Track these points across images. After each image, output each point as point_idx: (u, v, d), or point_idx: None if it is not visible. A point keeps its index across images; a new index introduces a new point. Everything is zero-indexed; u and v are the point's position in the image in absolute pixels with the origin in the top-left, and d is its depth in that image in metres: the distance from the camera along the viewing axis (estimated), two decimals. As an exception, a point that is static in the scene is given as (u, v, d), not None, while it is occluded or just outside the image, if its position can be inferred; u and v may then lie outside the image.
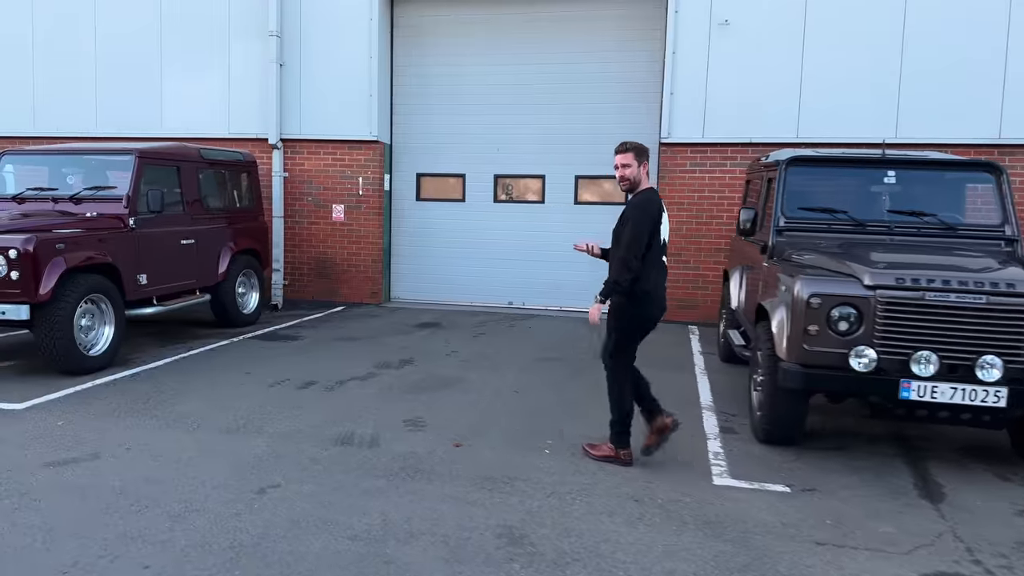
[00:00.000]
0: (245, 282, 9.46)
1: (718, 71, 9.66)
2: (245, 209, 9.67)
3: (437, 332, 9.12)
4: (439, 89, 10.94)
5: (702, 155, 9.84)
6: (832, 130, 9.36)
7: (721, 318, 8.20)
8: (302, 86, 10.81)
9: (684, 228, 9.95)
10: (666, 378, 7.10)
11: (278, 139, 10.82)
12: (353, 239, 10.99)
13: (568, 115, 10.56)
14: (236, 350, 7.94)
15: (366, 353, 7.89)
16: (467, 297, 11.05)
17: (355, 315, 10.23)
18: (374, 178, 10.82)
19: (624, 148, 4.75)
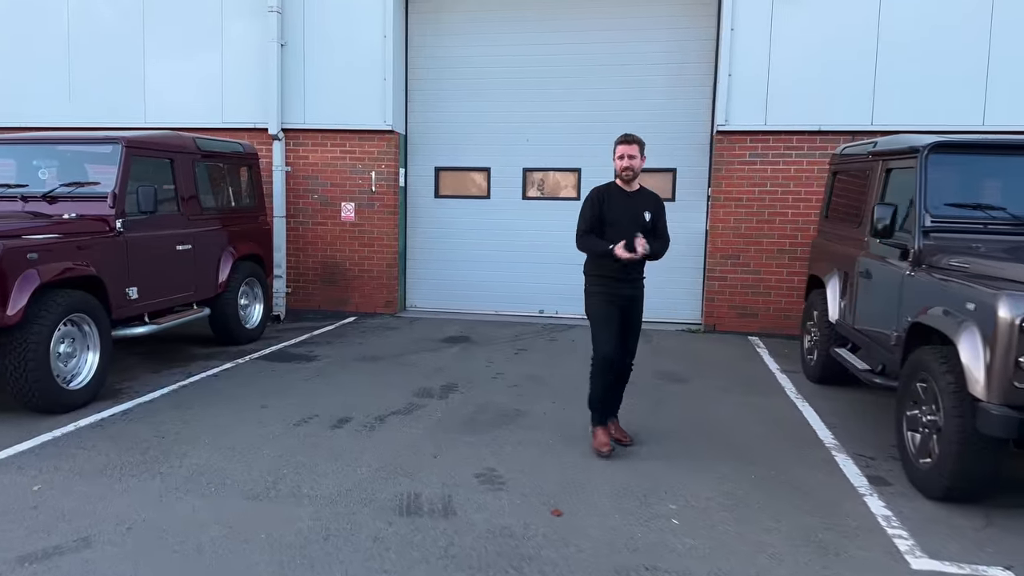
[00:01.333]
0: (248, 293, 8.23)
1: (782, 50, 8.58)
2: (246, 208, 8.43)
3: (470, 349, 7.95)
4: (460, 72, 9.76)
5: (764, 144, 8.76)
6: (912, 116, 8.33)
7: (808, 332, 7.12)
8: (306, 69, 9.57)
9: (743, 227, 8.88)
10: (758, 404, 6.02)
11: (279, 129, 9.57)
12: (365, 241, 9.78)
13: (607, 101, 9.44)
14: (244, 375, 6.72)
15: (398, 377, 6.71)
16: (493, 305, 9.89)
17: (370, 328, 9.03)
18: (388, 173, 9.63)
19: (632, 139, 4.87)
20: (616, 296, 4.85)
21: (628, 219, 4.75)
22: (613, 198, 4.84)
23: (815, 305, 6.93)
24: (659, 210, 4.92)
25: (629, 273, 4.84)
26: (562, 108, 9.52)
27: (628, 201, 4.85)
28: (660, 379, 6.82)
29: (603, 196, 4.86)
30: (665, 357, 7.70)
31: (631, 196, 4.88)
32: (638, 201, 4.87)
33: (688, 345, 8.33)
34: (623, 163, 4.79)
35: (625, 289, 4.87)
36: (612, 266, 4.74)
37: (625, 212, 4.78)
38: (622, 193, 4.88)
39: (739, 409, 5.96)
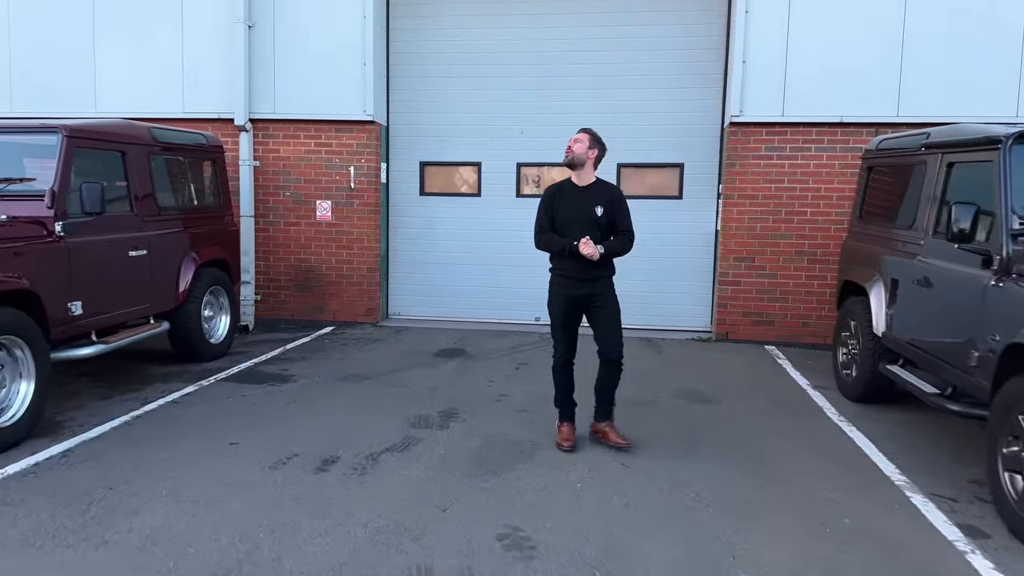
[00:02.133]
0: (213, 303, 7.30)
1: (801, 34, 7.88)
2: (210, 207, 7.50)
3: (466, 364, 7.12)
4: (448, 57, 8.91)
5: (781, 137, 8.06)
6: (942, 108, 7.68)
7: (843, 344, 6.42)
8: (276, 53, 8.64)
9: (758, 227, 8.17)
10: (802, 430, 5.30)
11: (247, 119, 8.64)
12: (343, 243, 8.89)
13: (609, 90, 8.66)
14: (209, 401, 5.81)
15: (388, 401, 5.87)
16: (485, 313, 9.06)
17: (351, 340, 8.15)
18: (368, 168, 8.75)
19: (583, 129, 4.79)
20: (573, 296, 4.74)
21: (578, 216, 4.64)
22: (564, 195, 4.74)
23: (853, 314, 6.23)
24: (616, 203, 4.71)
25: (588, 272, 4.68)
26: (560, 98, 8.72)
27: (579, 197, 4.71)
28: (684, 399, 6.07)
29: (555, 193, 4.77)
30: (682, 372, 6.95)
31: (583, 191, 4.72)
32: (590, 196, 4.70)
33: (703, 357, 7.60)
34: (567, 146, 4.66)
35: (583, 288, 4.72)
36: (570, 264, 4.67)
37: (575, 209, 4.66)
38: (573, 189, 4.74)
39: (783, 438, 5.23)
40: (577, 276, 4.67)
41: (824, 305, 8.10)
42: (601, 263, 4.67)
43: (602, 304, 4.73)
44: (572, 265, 4.66)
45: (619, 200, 4.74)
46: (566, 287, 4.72)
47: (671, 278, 8.75)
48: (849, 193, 7.97)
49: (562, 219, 4.67)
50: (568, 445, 4.84)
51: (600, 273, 4.72)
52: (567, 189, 4.75)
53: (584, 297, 4.72)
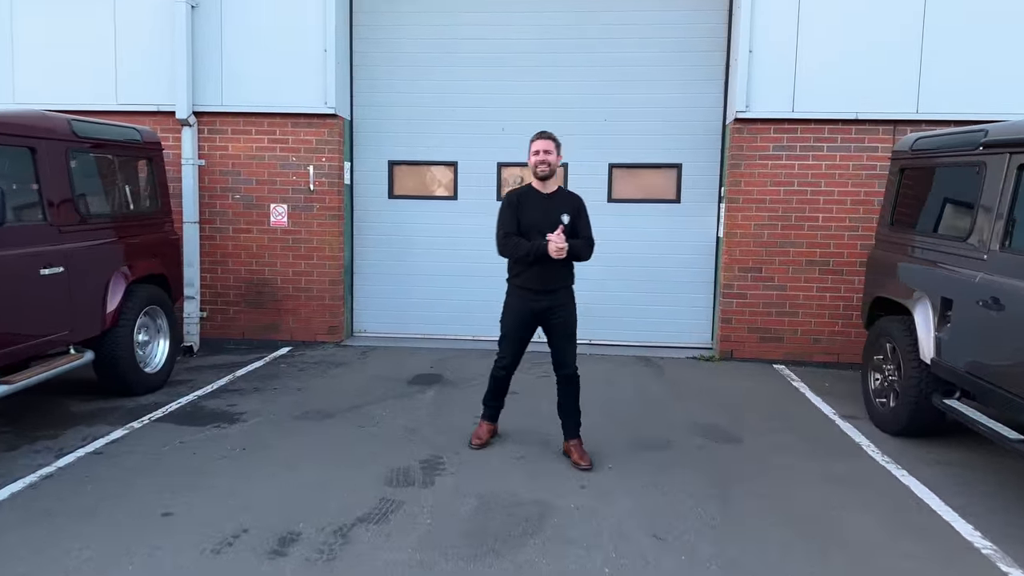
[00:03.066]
0: (149, 326, 6.26)
1: (812, 22, 7.13)
2: (145, 213, 6.46)
3: (446, 393, 6.21)
4: (421, 45, 7.96)
5: (791, 135, 7.30)
6: (966, 103, 7.01)
7: (877, 370, 5.67)
8: (224, 37, 7.60)
9: (765, 234, 7.40)
10: (846, 477, 4.55)
11: (190, 112, 7.59)
12: (301, 252, 7.89)
13: (600, 83, 7.82)
14: (140, 451, 4.80)
15: (357, 447, 4.93)
16: (463, 329, 8.14)
17: (310, 363, 7.16)
18: (330, 167, 7.76)
19: (548, 135, 4.64)
20: (533, 310, 4.61)
21: (545, 223, 4.48)
22: (529, 201, 4.62)
23: (890, 335, 5.48)
24: (579, 211, 4.63)
25: (550, 282, 4.57)
26: (546, 91, 7.84)
27: (545, 203, 4.59)
28: (702, 437, 5.24)
29: (519, 199, 4.63)
30: (691, 400, 6.13)
31: (549, 198, 4.62)
32: (557, 203, 4.61)
33: (709, 380, 6.80)
34: (538, 158, 4.55)
35: (543, 300, 4.59)
36: (532, 273, 4.54)
37: (541, 215, 4.53)
38: (538, 195, 4.63)
39: (828, 485, 4.43)
40: (538, 287, 4.54)
41: (837, 320, 7.38)
42: (562, 272, 4.58)
43: (562, 316, 4.60)
44: (535, 274, 4.53)
45: (583, 207, 4.67)
46: (526, 299, 4.59)
47: (668, 290, 7.94)
48: (865, 197, 7.26)
49: (528, 225, 4.53)
50: (477, 443, 4.87)
51: (561, 283, 4.62)
52: (532, 195, 4.63)
53: (544, 310, 4.60)
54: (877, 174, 7.24)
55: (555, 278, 4.56)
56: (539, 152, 4.54)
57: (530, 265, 4.50)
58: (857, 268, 7.29)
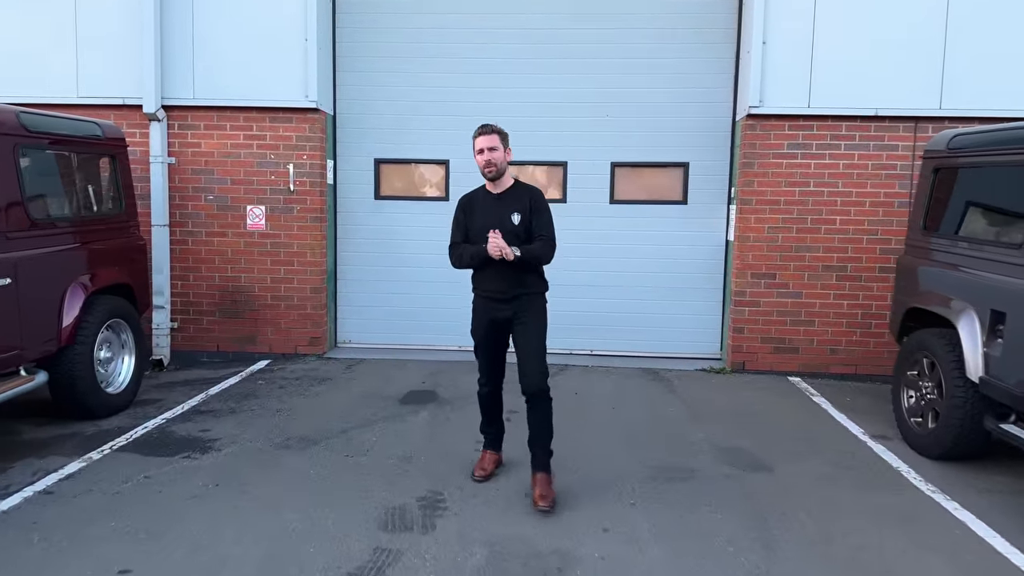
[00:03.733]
0: (112, 341, 5.66)
1: (830, 12, 6.68)
2: (108, 216, 5.86)
3: (442, 413, 5.67)
4: (409, 35, 7.41)
5: (806, 132, 6.84)
6: (992, 99, 6.59)
7: (912, 387, 5.22)
8: (197, 24, 7.00)
9: (779, 238, 6.94)
10: (888, 509, 4.03)
11: (158, 106, 6.98)
12: (281, 258, 7.30)
13: (602, 76, 7.31)
14: (97, 489, 4.21)
15: (346, 481, 4.37)
16: (455, 339, 7.59)
17: (291, 379, 6.59)
18: (312, 166, 7.19)
19: (491, 129, 4.11)
20: (496, 319, 4.18)
21: (495, 225, 4.01)
22: (477, 205, 4.19)
23: (928, 350, 5.02)
24: (535, 207, 4.13)
25: (509, 288, 4.11)
26: (543, 85, 7.32)
27: (494, 205, 4.14)
28: (729, 464, 4.75)
29: (466, 204, 4.24)
30: (710, 421, 5.64)
31: (498, 198, 4.16)
32: (506, 203, 4.13)
33: (725, 396, 6.32)
34: (483, 158, 4.07)
35: (504, 310, 4.14)
36: (489, 280, 4.15)
37: (488, 218, 4.08)
38: (487, 197, 4.19)
39: (876, 523, 3.96)
40: (497, 296, 4.13)
41: (856, 329, 6.94)
42: (525, 278, 4.12)
43: (524, 326, 4.12)
44: (490, 280, 4.13)
45: (538, 203, 4.14)
46: (487, 309, 4.20)
47: (674, 297, 7.46)
48: (885, 198, 6.82)
49: (476, 231, 4.12)
50: (480, 475, 4.38)
51: (524, 290, 4.13)
52: (481, 198, 4.21)
53: (507, 320, 4.16)
54: (897, 174, 6.80)
55: (514, 284, 4.10)
56: (483, 151, 4.05)
57: (484, 271, 4.13)
58: (876, 274, 6.86)
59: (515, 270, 4.04)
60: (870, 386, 6.75)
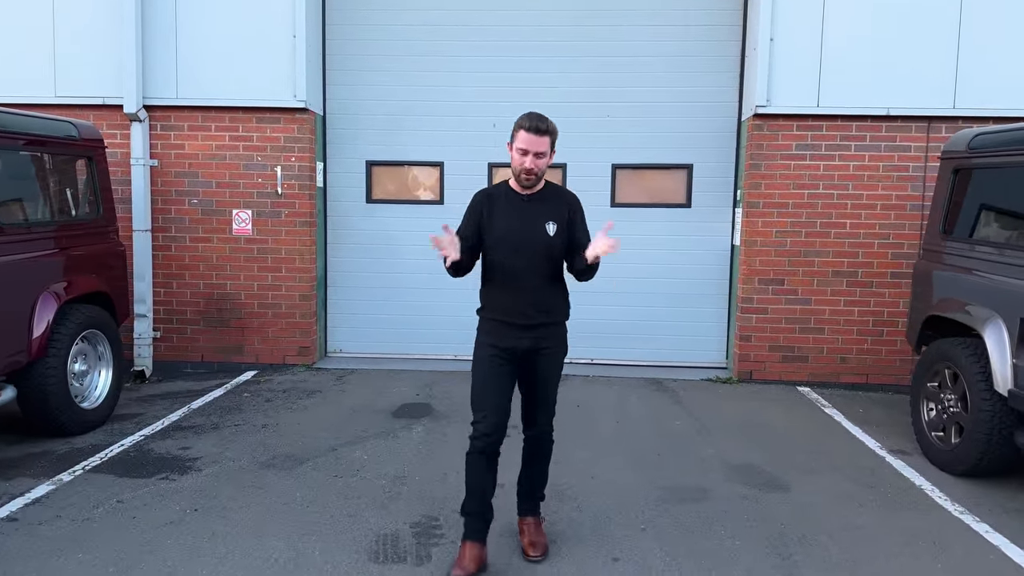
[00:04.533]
0: (88, 353, 5.35)
1: (839, 9, 6.43)
2: (84, 221, 5.56)
3: (437, 429, 5.38)
4: (402, 32, 7.13)
5: (815, 132, 6.59)
6: (1007, 98, 6.36)
7: (932, 399, 4.95)
8: (180, 20, 6.71)
9: (788, 242, 6.68)
10: (917, 533, 3.76)
11: (139, 106, 6.68)
12: (268, 263, 7.00)
13: (602, 75, 7.04)
14: (66, 516, 3.90)
15: (335, 506, 4.07)
16: (451, 348, 7.31)
17: (279, 392, 6.29)
18: (300, 168, 6.90)
19: (544, 128, 3.25)
20: (514, 351, 3.33)
21: (522, 233, 3.30)
22: (500, 204, 3.38)
23: (950, 360, 4.76)
24: (574, 217, 3.40)
25: (535, 312, 3.32)
26: (541, 83, 7.04)
27: (523, 208, 3.36)
28: (742, 483, 4.47)
29: (485, 201, 3.42)
30: (720, 434, 5.37)
31: (529, 201, 3.37)
32: (538, 208, 3.36)
33: (734, 407, 6.05)
34: (525, 162, 3.26)
35: (523, 339, 3.33)
36: (502, 302, 3.34)
37: (517, 224, 3.32)
38: (514, 197, 3.39)
39: (906, 552, 3.68)
40: (517, 320, 3.30)
41: (867, 336, 6.68)
42: (554, 302, 3.39)
43: (547, 363, 3.39)
44: (512, 300, 3.31)
45: (578, 213, 3.44)
46: (501, 334, 3.33)
47: (678, 303, 7.19)
48: (897, 201, 6.57)
49: (497, 237, 3.32)
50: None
51: (551, 316, 3.39)
52: (504, 197, 3.40)
53: (525, 353, 3.34)
54: (910, 175, 6.56)
55: (541, 308, 3.33)
56: (526, 153, 3.24)
57: (502, 287, 3.33)
58: (888, 280, 6.60)
59: (544, 290, 3.34)
60: (883, 396, 6.49)
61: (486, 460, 3.31)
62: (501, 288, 3.34)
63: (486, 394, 3.29)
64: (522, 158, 3.25)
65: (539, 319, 3.32)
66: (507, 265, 3.30)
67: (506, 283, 3.31)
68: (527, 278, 3.28)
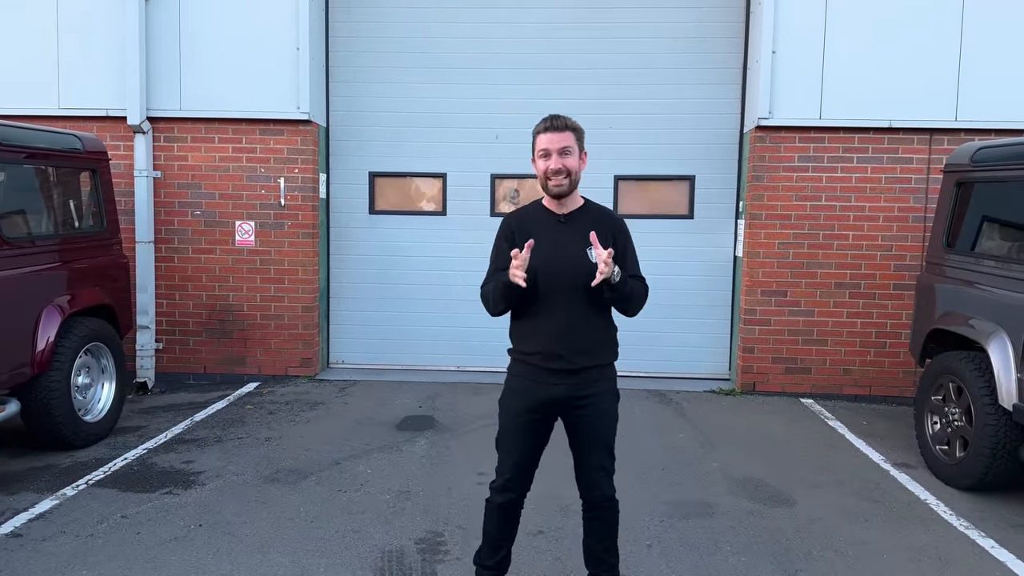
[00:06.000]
0: (91, 366, 5.35)
1: (841, 21, 6.45)
2: (87, 234, 5.57)
3: (441, 441, 5.37)
4: (405, 44, 7.15)
5: (818, 144, 6.60)
6: (1009, 110, 6.38)
7: (937, 413, 4.95)
8: (183, 33, 6.73)
9: (791, 254, 6.68)
10: (923, 550, 3.79)
11: (143, 117, 6.69)
12: (271, 275, 7.00)
13: (604, 87, 7.06)
14: (67, 533, 3.89)
15: (339, 522, 4.06)
16: (454, 359, 7.31)
17: (282, 404, 6.28)
18: (303, 180, 6.91)
19: (561, 124, 2.86)
20: (545, 399, 2.90)
21: (560, 260, 2.85)
22: (533, 227, 2.92)
23: (954, 374, 4.76)
24: (620, 241, 2.94)
25: (576, 354, 2.85)
26: (544, 95, 6.97)
27: (559, 230, 2.92)
28: (748, 498, 4.46)
29: (518, 223, 2.96)
30: (723, 447, 5.36)
31: (564, 223, 2.93)
32: (578, 230, 2.89)
33: (736, 420, 6.04)
34: (549, 164, 2.84)
35: (561, 386, 2.88)
36: (537, 339, 2.88)
37: (554, 248, 2.86)
38: (549, 218, 2.95)
39: (913, 569, 3.67)
40: (551, 364, 2.86)
41: (870, 348, 6.67)
42: (598, 339, 2.91)
43: (593, 411, 2.92)
44: (545, 337, 2.85)
45: (624, 236, 2.98)
46: (531, 383, 2.91)
47: (680, 315, 7.19)
48: (900, 213, 6.58)
49: (535, 265, 2.79)
50: None
51: (595, 359, 2.90)
52: (538, 219, 2.95)
53: (563, 401, 2.90)
54: (912, 187, 6.57)
55: (580, 348, 2.86)
56: (549, 154, 2.83)
57: (535, 323, 2.88)
58: (891, 292, 6.61)
59: (589, 324, 2.89)
60: (886, 408, 6.48)
61: (506, 512, 3.04)
62: (533, 326, 2.89)
63: (507, 450, 2.97)
64: (545, 161, 2.84)
65: (580, 363, 2.86)
66: (541, 298, 2.85)
67: (539, 319, 2.87)
68: (563, 313, 2.84)
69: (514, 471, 2.97)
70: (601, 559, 3.07)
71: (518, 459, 2.96)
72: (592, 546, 3.08)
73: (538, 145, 2.88)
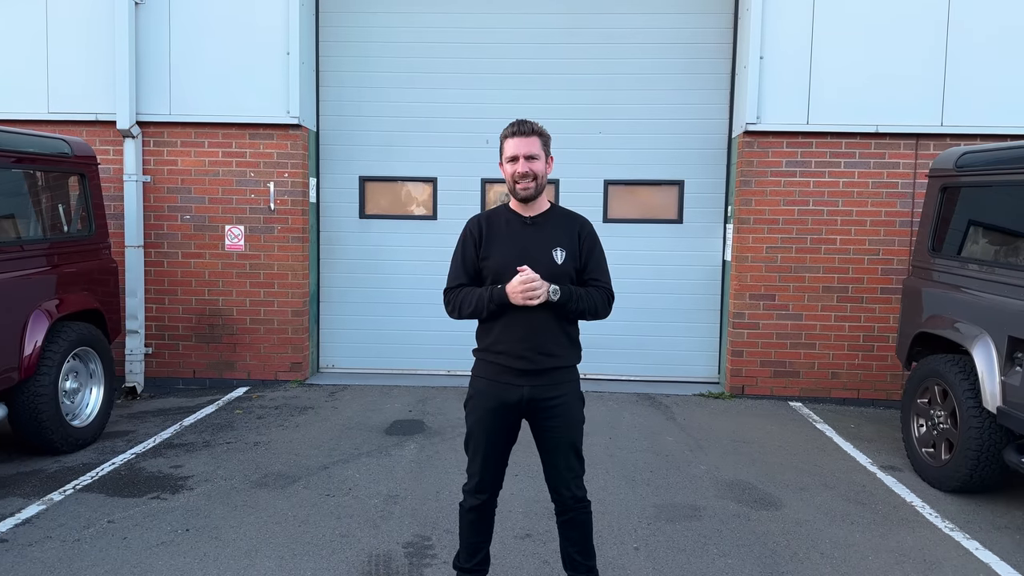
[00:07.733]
0: (79, 371, 5.34)
1: (828, 27, 6.50)
2: (76, 239, 5.56)
3: (430, 445, 5.37)
4: (395, 49, 7.18)
5: (805, 149, 6.65)
6: (994, 115, 6.44)
7: (923, 416, 4.99)
8: (173, 37, 6.73)
9: (778, 258, 6.72)
10: (909, 552, 3.80)
11: (133, 122, 6.68)
12: (260, 279, 7.00)
13: (593, 92, 7.10)
14: (54, 539, 3.88)
15: (327, 525, 4.07)
16: (443, 363, 7.32)
17: (271, 408, 6.28)
18: (293, 184, 6.91)
19: (528, 129, 2.99)
20: (508, 401, 2.92)
21: (526, 262, 2.86)
22: (499, 230, 2.98)
23: (940, 377, 4.79)
24: (586, 243, 2.99)
25: (537, 356, 2.87)
26: (534, 100, 7.07)
27: (526, 232, 2.96)
28: (735, 500, 4.49)
29: (484, 227, 3.00)
30: (711, 450, 5.39)
31: (531, 226, 2.97)
32: (544, 232, 2.96)
33: (726, 423, 6.06)
34: (517, 168, 2.92)
35: (525, 387, 2.90)
36: (503, 340, 2.89)
37: (516, 250, 2.91)
38: (515, 220, 2.99)
39: (899, 571, 3.70)
40: (517, 365, 2.88)
41: (857, 352, 6.72)
42: (558, 336, 2.90)
43: (559, 414, 2.93)
44: (511, 340, 2.87)
45: (590, 237, 3.01)
46: (497, 385, 2.92)
47: (670, 319, 7.22)
48: (887, 217, 6.64)
49: (497, 267, 2.90)
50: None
51: (557, 361, 2.92)
52: (503, 223, 2.99)
53: (528, 402, 2.91)
54: (899, 192, 6.62)
55: (542, 349, 2.87)
56: (516, 159, 2.91)
57: (497, 325, 2.90)
58: (878, 295, 6.65)
59: (549, 327, 2.88)
60: (874, 411, 6.53)
61: (479, 515, 3.06)
62: (499, 326, 2.89)
63: (476, 451, 2.99)
64: (513, 165, 2.92)
65: (544, 364, 2.88)
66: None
67: (505, 320, 2.87)
68: (528, 315, 2.83)
69: (484, 472, 3.00)
70: (576, 561, 3.08)
71: (487, 460, 2.99)
72: (567, 548, 3.09)
73: (506, 150, 2.96)
